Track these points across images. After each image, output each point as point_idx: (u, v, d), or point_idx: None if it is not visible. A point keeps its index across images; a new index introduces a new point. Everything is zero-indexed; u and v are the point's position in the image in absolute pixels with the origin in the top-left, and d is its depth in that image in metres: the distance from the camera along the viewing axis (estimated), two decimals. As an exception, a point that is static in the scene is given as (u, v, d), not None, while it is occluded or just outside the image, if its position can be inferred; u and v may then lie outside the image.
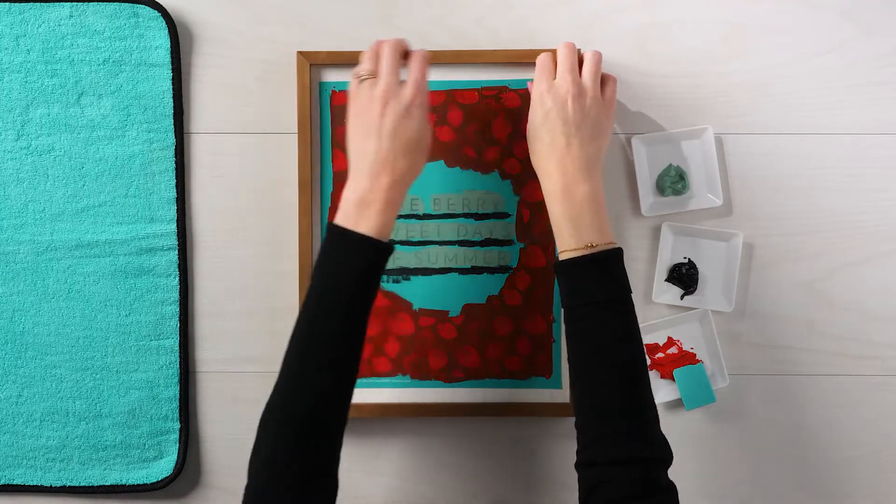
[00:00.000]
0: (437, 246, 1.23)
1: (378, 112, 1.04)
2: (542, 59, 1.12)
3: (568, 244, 1.06)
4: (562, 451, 1.25)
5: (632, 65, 1.23)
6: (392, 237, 1.22)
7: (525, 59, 1.21)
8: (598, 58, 1.11)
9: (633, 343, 1.04)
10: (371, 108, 1.04)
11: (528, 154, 1.22)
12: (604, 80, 1.13)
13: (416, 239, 1.23)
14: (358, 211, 1.03)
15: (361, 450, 1.26)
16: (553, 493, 1.25)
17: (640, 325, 1.22)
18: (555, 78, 1.10)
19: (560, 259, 1.07)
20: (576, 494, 1.26)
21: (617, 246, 1.07)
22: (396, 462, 1.26)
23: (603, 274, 1.05)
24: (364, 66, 1.07)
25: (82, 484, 1.24)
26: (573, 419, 1.24)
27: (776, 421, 1.25)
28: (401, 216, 1.23)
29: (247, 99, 1.24)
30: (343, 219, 1.04)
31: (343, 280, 1.02)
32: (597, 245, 1.05)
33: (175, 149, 1.23)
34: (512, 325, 1.22)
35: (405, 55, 1.09)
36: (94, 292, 1.23)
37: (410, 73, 1.07)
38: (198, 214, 1.24)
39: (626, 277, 1.07)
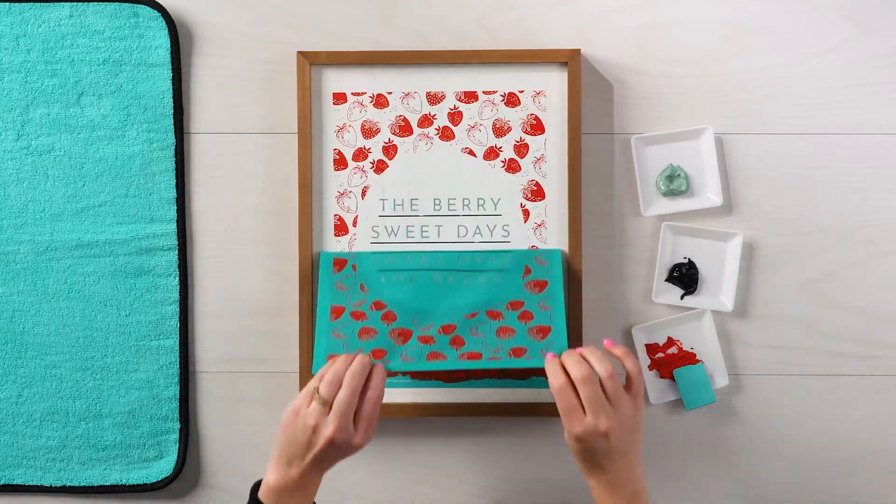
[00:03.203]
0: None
1: (318, 449, 1.03)
2: (564, 394, 1.04)
3: None
4: (562, 451, 1.24)
5: (632, 65, 1.23)
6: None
7: (525, 59, 1.21)
8: (612, 370, 1.05)
9: None
10: (314, 440, 1.03)
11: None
12: (629, 378, 1.08)
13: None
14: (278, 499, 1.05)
15: (362, 450, 1.25)
16: (553, 493, 1.25)
17: (641, 325, 1.22)
18: (583, 411, 1.04)
19: None
20: (576, 494, 1.26)
21: None
22: (397, 462, 1.26)
23: None
24: (323, 388, 1.04)
25: (82, 484, 1.24)
26: (573, 419, 1.24)
27: (776, 421, 1.25)
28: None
29: (247, 99, 1.24)
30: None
31: None
32: None
33: (175, 149, 1.23)
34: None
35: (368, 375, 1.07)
36: (94, 292, 1.23)
37: (363, 417, 1.04)
38: (198, 214, 1.24)
39: None
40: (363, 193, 1.23)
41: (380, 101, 1.22)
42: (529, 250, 1.21)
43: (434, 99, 1.22)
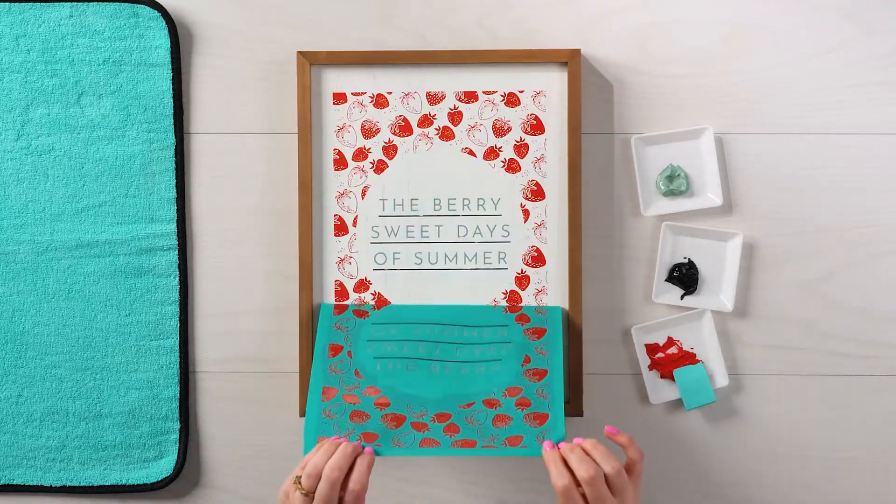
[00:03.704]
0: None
1: None
2: (569, 495, 1.01)
3: None
4: (562, 451, 1.24)
5: (632, 65, 1.23)
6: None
7: (525, 59, 1.21)
8: (619, 467, 1.02)
9: None
10: None
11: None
12: (630, 464, 1.05)
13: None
14: None
15: None
16: (554, 493, 1.25)
17: (641, 325, 1.22)
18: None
19: None
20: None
21: None
22: (398, 462, 1.26)
23: None
24: (304, 479, 1.03)
25: (82, 484, 1.24)
26: (575, 419, 1.24)
27: (776, 421, 1.25)
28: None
29: (247, 99, 1.24)
30: None
31: None
32: None
33: (175, 149, 1.23)
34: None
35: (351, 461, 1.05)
36: (94, 292, 1.23)
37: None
38: (198, 214, 1.24)
39: None
40: (363, 193, 1.23)
41: (380, 101, 1.22)
42: (531, 340, 1.18)
43: (434, 99, 1.22)
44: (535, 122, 1.22)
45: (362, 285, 1.23)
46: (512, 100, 1.22)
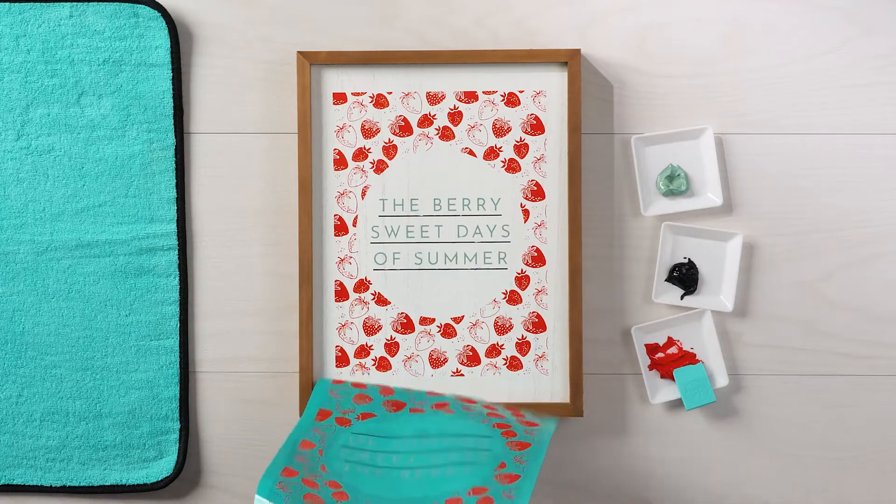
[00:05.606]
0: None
1: None
2: None
3: None
4: (563, 450, 1.24)
5: (632, 65, 1.23)
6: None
7: (525, 59, 1.21)
8: None
9: None
10: None
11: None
12: None
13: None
14: None
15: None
16: (554, 493, 1.25)
17: (641, 325, 1.22)
18: None
19: None
20: (576, 493, 1.26)
21: None
22: None
23: None
24: None
25: (82, 484, 1.24)
26: (574, 419, 1.24)
27: (776, 421, 1.25)
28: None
29: (247, 99, 1.24)
30: None
31: None
32: None
33: (175, 149, 1.23)
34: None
35: None
36: (94, 292, 1.23)
37: None
38: (198, 214, 1.25)
39: None
40: (363, 193, 1.23)
41: (380, 101, 1.22)
42: (511, 451, 1.12)
43: (434, 99, 1.22)
44: (535, 122, 1.22)
45: (362, 285, 1.23)
46: (512, 100, 1.22)
